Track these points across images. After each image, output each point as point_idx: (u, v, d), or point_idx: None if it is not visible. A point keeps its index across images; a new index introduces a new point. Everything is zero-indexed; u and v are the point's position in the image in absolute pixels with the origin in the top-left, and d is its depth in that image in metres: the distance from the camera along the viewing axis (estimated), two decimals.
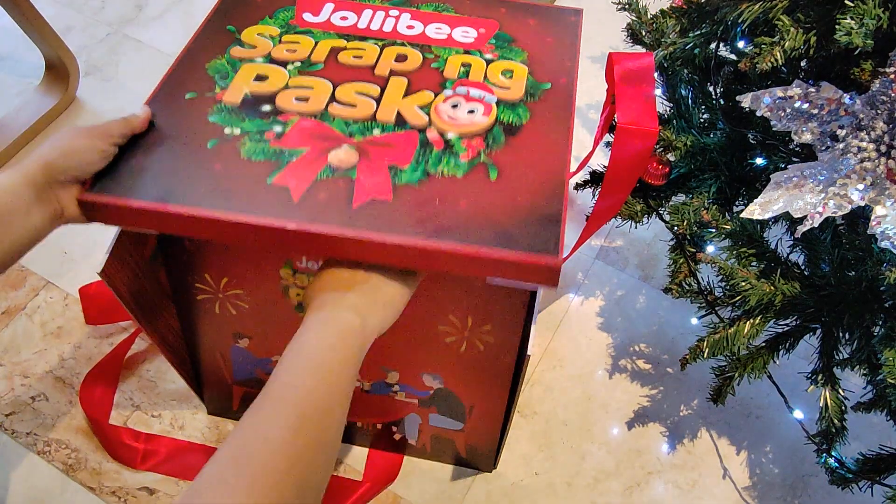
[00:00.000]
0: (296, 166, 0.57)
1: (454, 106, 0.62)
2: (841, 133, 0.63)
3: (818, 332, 0.78)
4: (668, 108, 0.87)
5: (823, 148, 0.65)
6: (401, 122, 0.61)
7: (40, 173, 0.52)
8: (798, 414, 0.86)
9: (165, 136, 0.59)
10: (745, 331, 0.75)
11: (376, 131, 0.60)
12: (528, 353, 0.58)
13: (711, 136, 0.82)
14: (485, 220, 0.54)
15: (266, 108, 0.61)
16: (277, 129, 0.59)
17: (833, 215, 0.64)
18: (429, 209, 0.55)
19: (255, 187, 0.55)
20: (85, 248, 1.04)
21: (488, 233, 0.53)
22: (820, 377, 0.77)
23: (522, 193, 0.56)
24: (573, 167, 0.69)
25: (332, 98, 0.62)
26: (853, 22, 0.56)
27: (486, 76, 0.65)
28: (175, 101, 0.62)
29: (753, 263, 0.77)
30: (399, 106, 0.62)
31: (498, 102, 0.63)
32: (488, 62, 0.67)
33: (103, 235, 1.03)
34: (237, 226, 0.54)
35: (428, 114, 0.62)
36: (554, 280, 0.53)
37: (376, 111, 0.61)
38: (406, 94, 0.63)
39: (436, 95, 0.63)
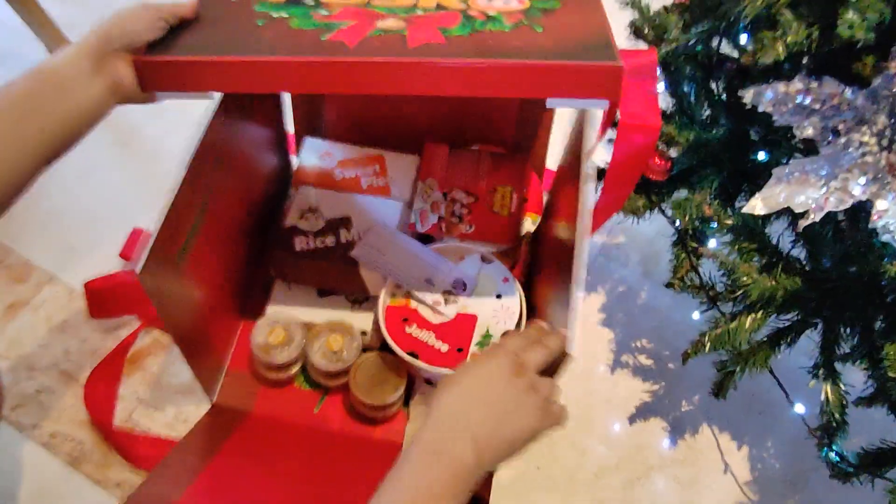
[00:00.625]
0: (346, 30, 0.58)
1: (490, 1, 0.64)
2: (843, 128, 0.64)
3: (819, 326, 0.78)
4: (670, 104, 0.87)
5: (825, 143, 0.65)
6: (441, 7, 0.63)
7: (95, 43, 0.54)
8: (799, 408, 0.86)
9: (213, 21, 0.61)
10: (747, 325, 0.75)
11: (419, 12, 0.62)
12: (572, 353, 0.57)
13: (714, 131, 0.82)
14: (540, 48, 0.55)
15: (309, 1, 0.64)
16: (323, 12, 0.62)
17: (834, 210, 0.64)
18: (483, 45, 0.56)
19: (311, 43, 0.57)
20: (89, 243, 1.05)
21: (545, 54, 0.54)
22: (821, 372, 0.77)
23: (570, 36, 0.57)
24: None
25: None
26: (855, 16, 0.56)
27: None
28: (219, 1, 0.64)
29: (755, 258, 0.77)
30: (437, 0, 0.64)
31: None
32: None
33: (108, 230, 1.04)
34: (299, 66, 0.55)
35: (466, 2, 0.64)
36: (616, 88, 0.54)
37: (417, 2, 0.64)
38: None
39: None
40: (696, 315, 0.88)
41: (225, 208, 0.80)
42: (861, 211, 0.69)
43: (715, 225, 0.78)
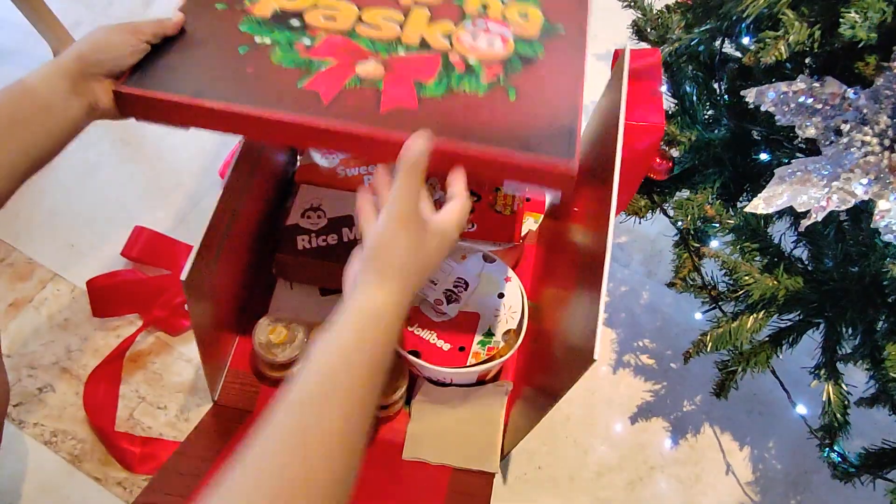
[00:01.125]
0: (325, 74, 0.60)
1: (474, 37, 0.65)
2: (845, 128, 0.64)
3: (821, 326, 0.78)
4: (672, 105, 0.88)
5: (827, 142, 0.65)
6: (424, 45, 0.64)
7: (74, 64, 0.55)
8: (801, 409, 0.86)
9: (197, 40, 0.62)
10: (749, 325, 0.75)
11: (401, 50, 0.63)
12: (595, 357, 0.58)
13: (716, 131, 0.83)
14: (505, 129, 0.57)
15: (295, 22, 0.64)
16: (306, 41, 0.63)
17: (837, 210, 0.64)
18: (452, 118, 0.58)
19: (287, 90, 0.58)
20: (92, 241, 1.05)
21: (508, 138, 0.56)
22: (823, 372, 0.77)
23: (540, 111, 0.59)
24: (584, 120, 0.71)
25: (359, 20, 0.66)
26: (857, 15, 0.57)
27: (503, 15, 0.68)
28: (206, 10, 0.65)
29: (757, 258, 0.77)
30: (422, 31, 0.65)
31: (515, 39, 0.66)
32: (504, 3, 0.70)
33: (110, 228, 1.04)
34: (270, 122, 0.57)
35: (449, 40, 0.65)
36: (569, 185, 0.56)
37: (401, 34, 0.65)
38: (428, 22, 0.66)
39: (456, 26, 0.66)
40: (697, 315, 0.88)
41: (250, 211, 0.82)
42: (863, 211, 0.69)
43: (717, 225, 0.78)
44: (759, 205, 0.68)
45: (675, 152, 0.83)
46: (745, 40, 0.77)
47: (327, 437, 0.43)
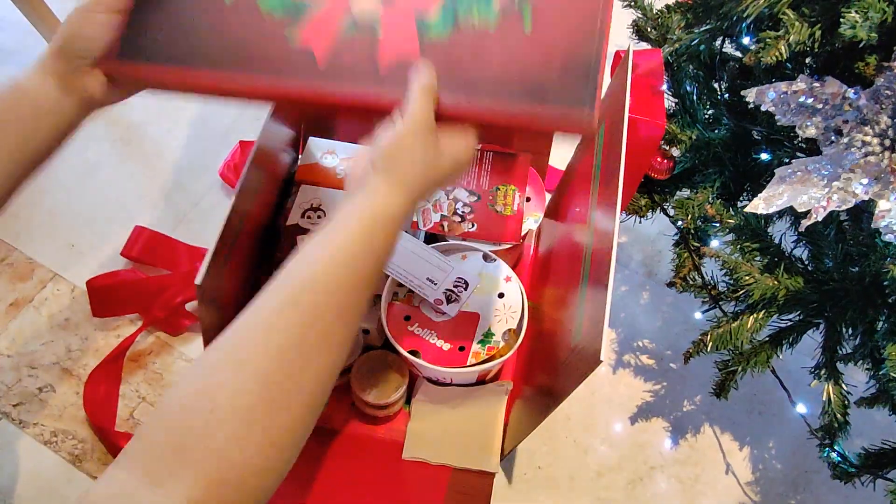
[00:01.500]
0: (318, 21, 0.56)
1: None
2: (845, 128, 0.64)
3: (821, 326, 0.78)
4: (673, 104, 0.87)
5: (827, 142, 0.65)
6: None
7: (60, 62, 0.53)
8: (801, 408, 0.86)
9: None
10: (749, 325, 0.75)
11: None
12: (601, 359, 0.56)
13: (716, 131, 0.83)
14: (517, 75, 0.52)
15: None
16: None
17: (837, 209, 0.64)
18: (459, 67, 0.53)
19: (279, 50, 0.55)
20: (92, 241, 1.05)
21: (521, 89, 0.52)
22: (823, 372, 0.77)
23: (558, 46, 0.53)
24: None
25: None
26: (858, 15, 0.57)
27: None
28: None
29: (757, 258, 0.77)
30: None
31: None
32: None
33: (110, 228, 1.05)
34: (266, 90, 0.54)
35: None
36: (589, 135, 0.52)
37: None
38: None
39: None
40: (697, 315, 0.88)
41: (257, 212, 0.81)
42: (863, 211, 0.69)
43: (717, 224, 0.78)
44: (759, 205, 0.68)
45: (675, 151, 0.83)
46: (746, 40, 0.77)
47: (324, 335, 0.45)
